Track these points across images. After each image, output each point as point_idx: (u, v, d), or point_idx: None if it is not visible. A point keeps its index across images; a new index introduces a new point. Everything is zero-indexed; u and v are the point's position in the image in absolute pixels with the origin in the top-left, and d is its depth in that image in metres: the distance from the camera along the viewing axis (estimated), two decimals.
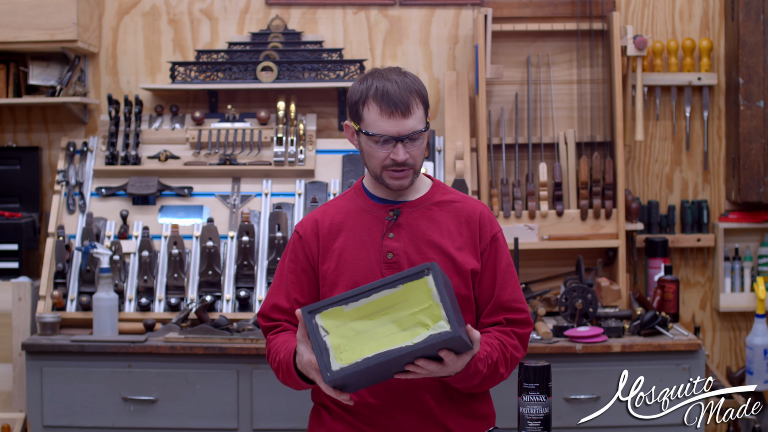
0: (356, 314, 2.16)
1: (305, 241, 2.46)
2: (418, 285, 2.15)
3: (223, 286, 3.89)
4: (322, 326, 2.15)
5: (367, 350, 2.13)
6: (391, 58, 4.34)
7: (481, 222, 2.45)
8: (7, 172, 4.28)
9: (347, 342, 2.14)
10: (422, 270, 2.15)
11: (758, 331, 4.03)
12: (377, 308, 2.16)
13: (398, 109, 2.31)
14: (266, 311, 2.48)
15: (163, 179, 4.11)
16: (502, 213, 4.05)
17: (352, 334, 2.15)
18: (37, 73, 4.23)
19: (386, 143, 2.33)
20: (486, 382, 2.35)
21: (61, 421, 3.63)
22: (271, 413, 3.60)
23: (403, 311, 2.15)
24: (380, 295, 2.16)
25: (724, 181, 4.33)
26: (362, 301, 2.16)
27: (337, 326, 2.15)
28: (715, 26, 4.30)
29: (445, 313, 2.12)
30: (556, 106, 4.23)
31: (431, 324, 2.13)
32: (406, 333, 2.13)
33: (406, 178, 2.38)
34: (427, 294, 2.14)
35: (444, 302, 2.12)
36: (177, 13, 4.35)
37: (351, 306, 2.16)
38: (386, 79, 2.35)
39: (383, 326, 2.15)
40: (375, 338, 2.14)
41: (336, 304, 2.16)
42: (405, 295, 2.16)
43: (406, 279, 2.16)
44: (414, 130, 2.33)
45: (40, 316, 3.77)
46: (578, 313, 3.70)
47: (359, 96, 2.35)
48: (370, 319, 2.16)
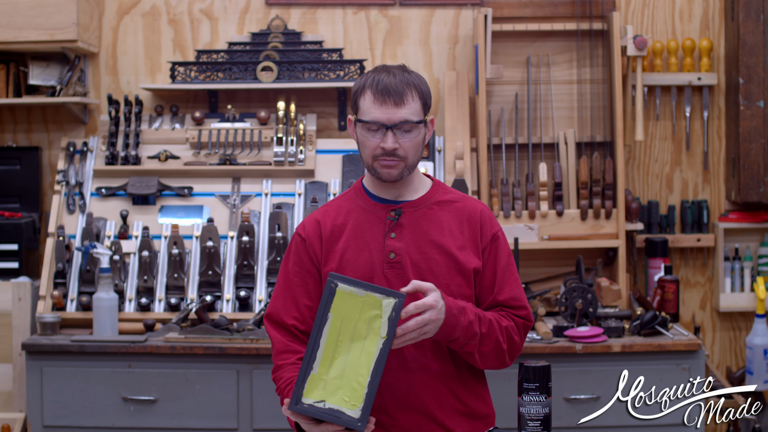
0: (325, 367, 2.18)
1: (308, 243, 2.45)
2: (337, 301, 2.18)
3: (223, 286, 3.89)
4: (314, 402, 2.17)
5: (362, 378, 2.15)
6: (391, 58, 4.34)
7: (482, 221, 2.45)
8: (7, 172, 4.28)
9: (345, 390, 2.16)
10: (329, 286, 2.18)
11: (758, 331, 4.03)
12: (332, 347, 2.18)
13: (391, 97, 2.33)
14: (273, 315, 2.45)
15: (163, 179, 4.11)
16: (502, 213, 4.05)
17: (340, 382, 2.17)
18: (37, 73, 4.23)
19: (378, 131, 2.35)
20: (485, 340, 2.34)
21: (61, 421, 3.63)
22: (271, 413, 3.60)
23: (348, 329, 2.17)
24: (324, 337, 2.18)
25: (724, 181, 4.33)
26: (317, 354, 2.18)
27: (323, 389, 2.17)
28: (715, 26, 4.31)
29: (376, 292, 2.16)
30: (556, 106, 4.23)
31: (378, 311, 2.16)
32: (371, 336, 2.16)
33: (395, 168, 2.37)
34: (350, 301, 2.17)
35: (363, 285, 2.17)
36: (177, 13, 4.35)
37: (315, 367, 2.18)
38: (387, 71, 2.37)
39: (351, 352, 2.17)
40: (358, 364, 2.16)
41: (304, 379, 2.17)
42: (335, 317, 2.18)
43: (325, 307, 2.18)
44: (405, 119, 2.33)
45: (40, 316, 3.77)
46: (578, 313, 3.70)
47: (358, 87, 2.39)
48: (336, 359, 2.18)
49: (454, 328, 2.28)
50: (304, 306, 2.42)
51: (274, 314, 2.46)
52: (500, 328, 2.38)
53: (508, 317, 2.43)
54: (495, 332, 2.36)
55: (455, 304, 2.28)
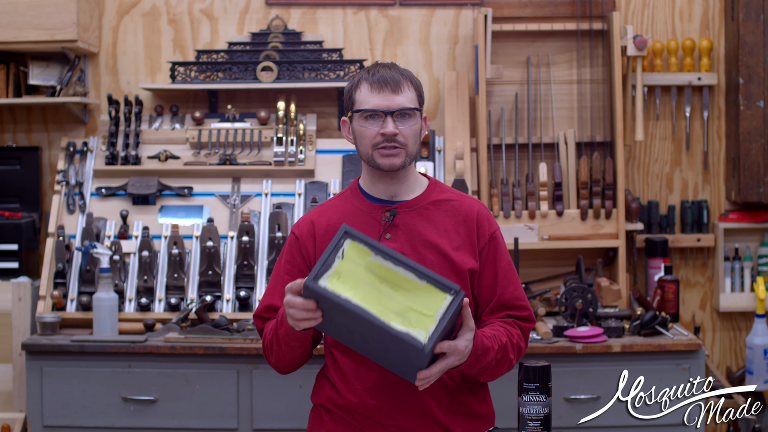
0: (374, 267, 2.17)
1: (302, 243, 2.46)
2: (436, 294, 2.17)
3: (223, 286, 3.90)
4: (344, 250, 2.16)
5: (354, 295, 2.13)
6: (391, 58, 4.34)
7: (479, 221, 2.45)
8: (7, 172, 4.28)
9: (348, 278, 2.15)
10: (450, 288, 2.16)
11: (758, 331, 4.03)
12: (392, 279, 2.17)
13: (388, 85, 2.37)
14: (261, 312, 2.49)
15: (163, 179, 4.11)
16: (502, 213, 4.05)
17: (357, 277, 2.15)
18: (37, 73, 4.23)
19: (376, 118, 2.36)
20: (498, 365, 2.36)
21: (61, 421, 3.63)
22: (271, 413, 3.60)
23: (406, 300, 2.16)
24: (404, 273, 2.17)
25: (724, 181, 4.33)
26: (388, 263, 2.17)
27: (353, 261, 2.16)
28: (715, 26, 4.31)
29: (433, 330, 2.13)
30: (556, 106, 4.23)
31: (415, 327, 2.14)
32: (393, 315, 2.14)
33: (397, 156, 2.38)
34: (436, 306, 2.16)
35: (441, 323, 2.13)
36: (177, 13, 4.35)
37: (377, 258, 2.17)
38: (380, 65, 2.43)
39: (382, 295, 2.15)
40: (368, 295, 2.14)
41: (369, 246, 2.17)
42: (420, 290, 2.17)
43: (433, 281, 2.17)
44: (403, 106, 2.37)
45: (40, 316, 3.77)
46: (578, 313, 3.70)
47: (352, 83, 2.44)
48: (379, 281, 2.16)
49: (472, 366, 2.30)
50: None
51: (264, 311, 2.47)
52: (512, 346, 2.39)
53: (514, 325, 2.43)
54: (508, 353, 2.37)
55: (482, 346, 2.27)
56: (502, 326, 2.40)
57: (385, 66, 2.42)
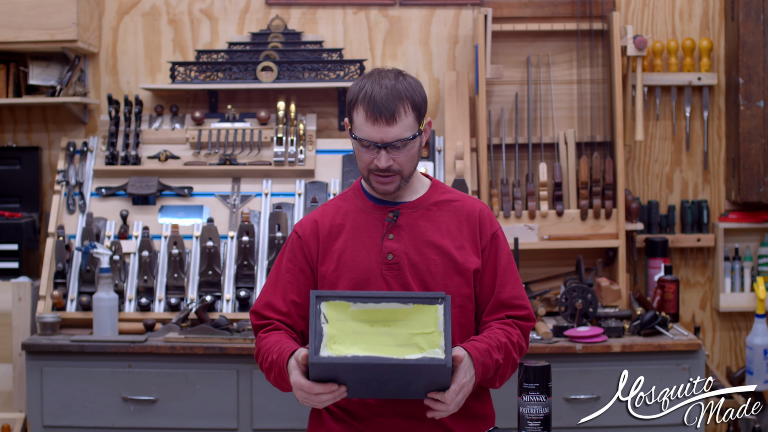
0: (359, 315, 2.19)
1: (304, 242, 2.46)
2: (427, 309, 2.19)
3: (223, 286, 3.89)
4: (325, 314, 2.17)
5: (358, 350, 2.15)
6: (391, 58, 4.34)
7: (481, 220, 2.45)
8: (7, 172, 4.28)
9: (343, 336, 2.16)
10: (436, 297, 2.19)
11: (758, 331, 4.03)
12: (381, 317, 2.19)
13: (383, 116, 2.30)
14: (259, 309, 2.47)
15: (163, 179, 4.11)
16: (502, 213, 4.05)
17: (350, 331, 2.17)
18: (37, 73, 4.23)
19: (371, 148, 2.34)
20: (504, 368, 2.36)
21: (61, 421, 3.63)
22: (271, 413, 3.60)
23: (404, 329, 2.18)
24: (388, 306, 2.19)
25: (724, 181, 4.33)
26: (370, 305, 2.19)
27: (338, 319, 2.18)
28: (715, 26, 4.31)
29: (444, 343, 2.15)
30: (556, 106, 4.23)
31: (426, 348, 2.16)
32: (400, 348, 2.16)
33: (391, 183, 2.38)
34: (432, 320, 2.18)
35: (446, 333, 2.16)
36: (177, 13, 4.35)
37: (358, 306, 2.19)
38: (378, 83, 2.33)
39: (380, 336, 2.17)
40: (369, 343, 2.16)
41: (344, 299, 2.19)
42: (411, 314, 2.19)
43: (418, 300, 2.20)
44: (398, 138, 2.31)
45: (40, 316, 3.77)
46: (578, 313, 3.70)
47: (351, 97, 2.37)
48: (370, 325, 2.18)
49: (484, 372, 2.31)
50: (291, 301, 2.42)
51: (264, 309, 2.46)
52: (513, 345, 2.39)
53: (513, 325, 2.43)
54: (511, 352, 2.38)
55: (483, 367, 2.28)
56: (500, 328, 2.40)
57: (383, 85, 2.32)
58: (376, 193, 2.42)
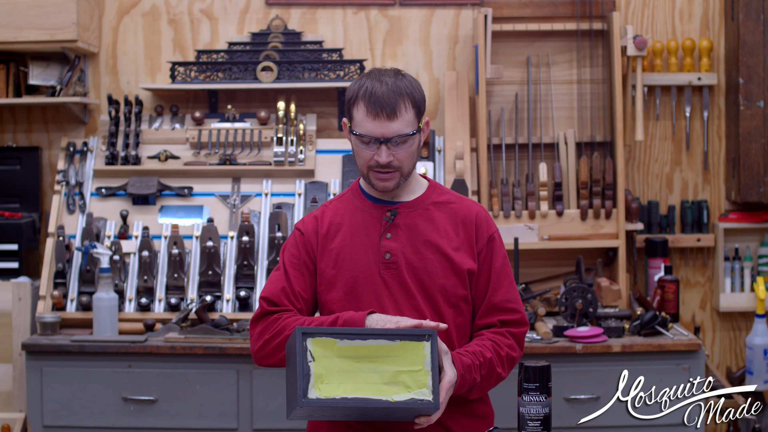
0: (346, 352, 2.16)
1: (307, 238, 2.46)
2: (414, 346, 2.17)
3: (223, 286, 3.90)
4: (311, 351, 2.15)
5: (345, 390, 2.13)
6: (391, 58, 4.34)
7: (478, 223, 2.45)
8: (7, 172, 4.28)
9: (330, 375, 2.14)
10: (423, 335, 2.17)
11: (758, 331, 4.03)
12: (367, 354, 2.16)
13: (384, 111, 2.31)
14: (272, 295, 2.41)
15: (163, 179, 4.11)
16: (502, 213, 4.05)
17: (337, 369, 2.14)
18: (37, 73, 4.23)
19: (371, 144, 2.34)
20: (484, 382, 2.35)
21: (61, 421, 3.63)
22: (271, 413, 3.60)
23: (390, 366, 2.16)
24: (375, 343, 2.17)
25: (724, 181, 4.33)
26: (356, 342, 2.16)
27: (324, 356, 2.15)
28: (715, 26, 4.31)
29: (432, 383, 2.14)
30: (556, 106, 4.23)
31: (413, 388, 2.14)
32: (388, 387, 2.14)
33: (391, 180, 2.38)
34: (419, 358, 2.16)
35: (434, 372, 2.15)
36: (177, 13, 4.35)
37: (344, 342, 2.16)
38: (378, 80, 2.34)
39: (367, 373, 2.15)
40: (355, 381, 2.14)
41: (330, 336, 2.16)
42: (398, 351, 2.16)
43: (405, 337, 2.17)
44: (399, 133, 2.32)
45: (40, 316, 3.77)
46: (578, 313, 3.70)
47: (351, 95, 2.38)
48: (356, 362, 2.16)
49: (460, 387, 2.29)
50: (299, 293, 2.42)
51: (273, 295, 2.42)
52: (499, 359, 2.37)
53: (507, 335, 2.42)
54: (494, 368, 2.36)
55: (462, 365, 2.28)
56: (491, 339, 2.39)
57: (384, 82, 2.33)
58: (376, 190, 2.42)
